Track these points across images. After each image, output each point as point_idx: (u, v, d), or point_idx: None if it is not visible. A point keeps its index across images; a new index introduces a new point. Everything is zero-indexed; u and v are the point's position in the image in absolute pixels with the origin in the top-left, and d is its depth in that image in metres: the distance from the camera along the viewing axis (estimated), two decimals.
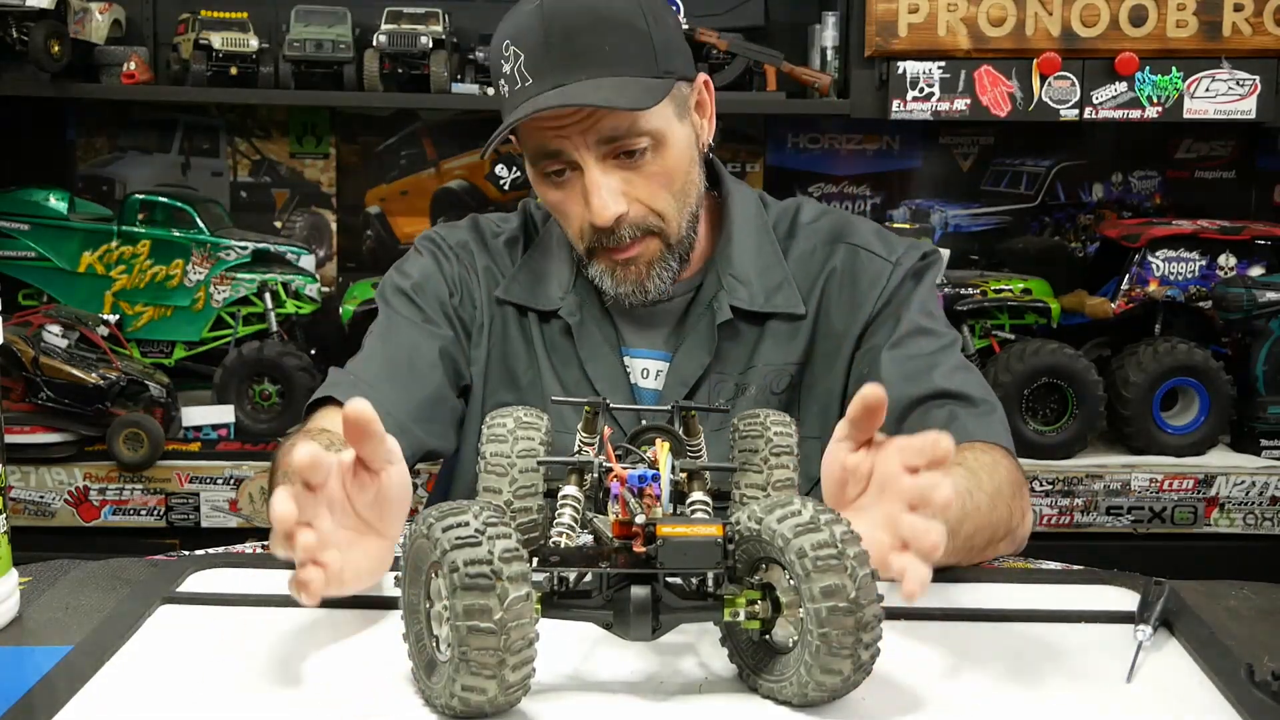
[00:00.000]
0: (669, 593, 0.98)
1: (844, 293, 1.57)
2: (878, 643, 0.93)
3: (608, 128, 1.41)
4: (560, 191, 1.47)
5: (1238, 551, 2.66)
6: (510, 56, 1.42)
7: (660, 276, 1.50)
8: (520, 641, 0.90)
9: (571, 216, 1.49)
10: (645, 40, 1.42)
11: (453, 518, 0.92)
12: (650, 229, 1.47)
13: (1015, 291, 2.79)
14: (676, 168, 1.47)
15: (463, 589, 0.89)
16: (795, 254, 1.59)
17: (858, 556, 0.91)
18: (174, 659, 1.06)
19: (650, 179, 1.45)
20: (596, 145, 1.42)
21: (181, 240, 2.80)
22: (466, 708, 0.92)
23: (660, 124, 1.44)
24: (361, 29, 2.86)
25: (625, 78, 1.40)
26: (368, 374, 1.52)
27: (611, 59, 1.40)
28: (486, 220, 1.68)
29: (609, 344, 1.57)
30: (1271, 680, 0.98)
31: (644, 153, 1.44)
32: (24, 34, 2.61)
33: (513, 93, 1.43)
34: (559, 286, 1.59)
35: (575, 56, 1.39)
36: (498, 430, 1.23)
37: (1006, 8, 2.68)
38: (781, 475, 1.23)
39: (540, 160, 1.46)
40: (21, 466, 2.55)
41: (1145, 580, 1.21)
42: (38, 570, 1.28)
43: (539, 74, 1.40)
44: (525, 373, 1.59)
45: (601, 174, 1.43)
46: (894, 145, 3.17)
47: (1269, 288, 2.67)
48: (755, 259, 1.57)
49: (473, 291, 1.61)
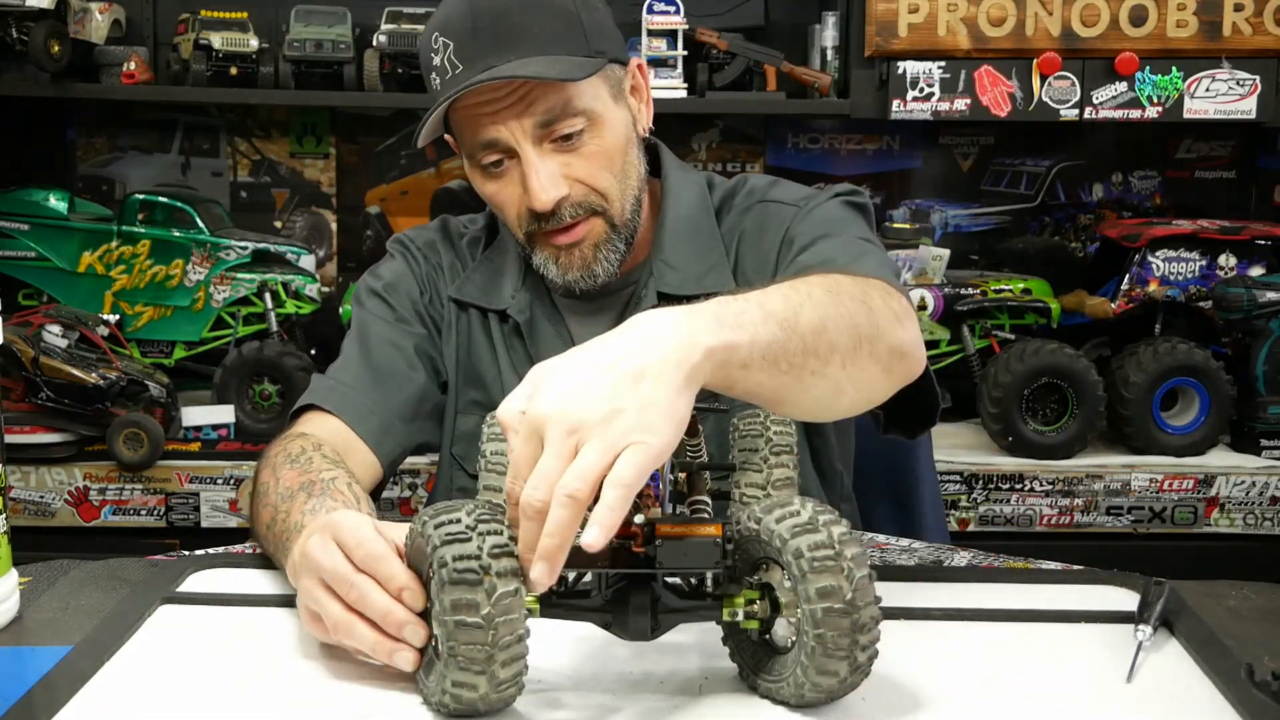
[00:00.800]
0: (668, 593, 0.98)
1: (752, 249, 1.54)
2: (875, 645, 0.92)
3: (542, 109, 1.39)
4: (497, 182, 1.45)
5: (1238, 551, 2.66)
6: (439, 48, 1.40)
7: (608, 259, 1.47)
8: (509, 637, 0.90)
9: (509, 204, 1.46)
10: (574, 20, 1.42)
11: (445, 515, 0.93)
12: (594, 208, 1.45)
13: (1015, 291, 2.79)
14: (614, 148, 1.45)
15: (450, 584, 0.90)
16: (725, 229, 1.57)
17: (855, 558, 0.91)
18: (174, 659, 1.06)
19: (589, 159, 1.43)
20: (533, 129, 1.40)
21: (181, 240, 2.80)
22: (459, 704, 0.92)
23: (595, 104, 1.42)
24: (361, 29, 2.86)
25: (555, 55, 1.38)
26: (349, 379, 1.52)
27: (540, 39, 1.39)
28: (455, 221, 1.67)
29: (561, 340, 1.55)
30: (1271, 680, 0.98)
31: (580, 134, 1.42)
32: (24, 34, 2.61)
33: (443, 83, 1.41)
34: (511, 285, 1.57)
35: (504, 38, 1.38)
36: (498, 429, 1.24)
37: (1006, 8, 2.68)
38: (781, 474, 1.23)
39: (477, 152, 1.44)
40: (21, 466, 2.55)
41: (1145, 580, 1.21)
42: (38, 570, 1.28)
43: (468, 59, 1.38)
44: (489, 372, 1.57)
45: (538, 157, 1.41)
46: (894, 145, 3.17)
47: (1269, 288, 2.67)
48: (691, 243, 1.54)
49: (440, 290, 1.61)
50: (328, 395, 1.50)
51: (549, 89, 1.39)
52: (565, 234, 1.45)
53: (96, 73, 2.86)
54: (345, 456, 1.41)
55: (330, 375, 1.54)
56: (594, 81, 1.42)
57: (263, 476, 1.34)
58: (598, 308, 1.56)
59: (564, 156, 1.42)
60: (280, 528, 1.23)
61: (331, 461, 1.34)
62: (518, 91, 1.39)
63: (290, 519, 1.21)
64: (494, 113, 1.40)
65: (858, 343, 1.08)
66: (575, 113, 1.41)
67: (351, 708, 0.98)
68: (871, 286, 1.17)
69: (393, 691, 0.99)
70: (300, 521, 1.19)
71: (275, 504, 1.27)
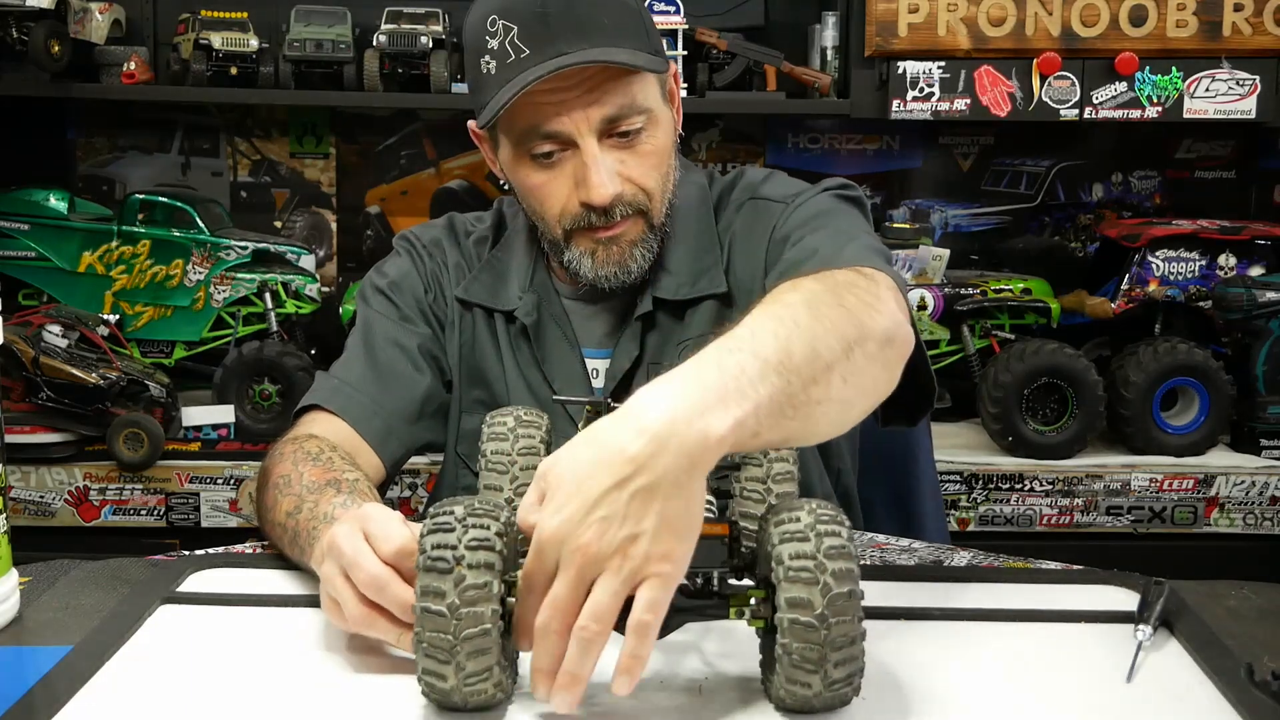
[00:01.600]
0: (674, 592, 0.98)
1: (742, 249, 1.53)
2: (855, 662, 0.91)
3: (612, 103, 1.38)
4: (547, 173, 1.43)
5: (1238, 551, 2.66)
6: (499, 31, 1.37)
7: (643, 256, 1.46)
8: (473, 629, 0.90)
9: (555, 198, 1.44)
10: (638, 18, 1.42)
11: (445, 507, 0.93)
12: (639, 207, 1.44)
13: (1015, 291, 2.79)
14: (664, 149, 1.45)
15: (423, 570, 0.90)
16: (721, 227, 1.56)
17: (838, 573, 0.90)
18: (174, 659, 1.06)
19: (644, 158, 1.43)
20: (599, 123, 1.38)
21: (181, 240, 2.80)
22: (434, 693, 0.93)
23: (653, 103, 1.42)
24: (361, 29, 2.86)
25: (628, 49, 1.37)
26: (353, 378, 1.52)
27: (610, 31, 1.37)
28: (462, 220, 1.66)
29: (568, 343, 1.55)
30: (1271, 680, 0.98)
31: (639, 133, 1.41)
32: (24, 34, 2.60)
33: (503, 65, 1.37)
34: (518, 286, 1.57)
35: (576, 26, 1.35)
36: (498, 429, 1.24)
37: (1006, 8, 2.68)
38: (781, 468, 1.23)
39: (531, 140, 1.41)
40: (21, 466, 2.55)
41: (1145, 580, 1.21)
42: (38, 570, 1.28)
43: (536, 44, 1.35)
44: (493, 371, 1.57)
45: (601, 151, 1.39)
46: (894, 145, 3.17)
47: (1269, 288, 2.67)
48: (689, 245, 1.53)
49: (444, 288, 1.60)
50: (332, 396, 1.50)
51: (618, 84, 1.38)
52: (608, 230, 1.43)
53: (96, 73, 2.86)
54: (352, 455, 1.42)
55: (334, 374, 1.54)
56: (651, 80, 1.42)
57: (282, 469, 1.34)
58: (600, 309, 1.55)
59: (620, 153, 1.41)
60: (307, 516, 1.22)
61: (350, 464, 1.34)
62: (587, 83, 1.37)
63: (319, 509, 1.21)
64: (560, 102, 1.37)
65: (849, 351, 1.04)
66: (639, 110, 1.40)
67: (351, 707, 0.98)
68: (841, 282, 1.14)
69: (393, 692, 0.99)
70: (330, 513, 1.19)
71: (301, 494, 1.26)
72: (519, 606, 0.93)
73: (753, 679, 1.00)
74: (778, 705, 0.95)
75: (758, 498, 1.23)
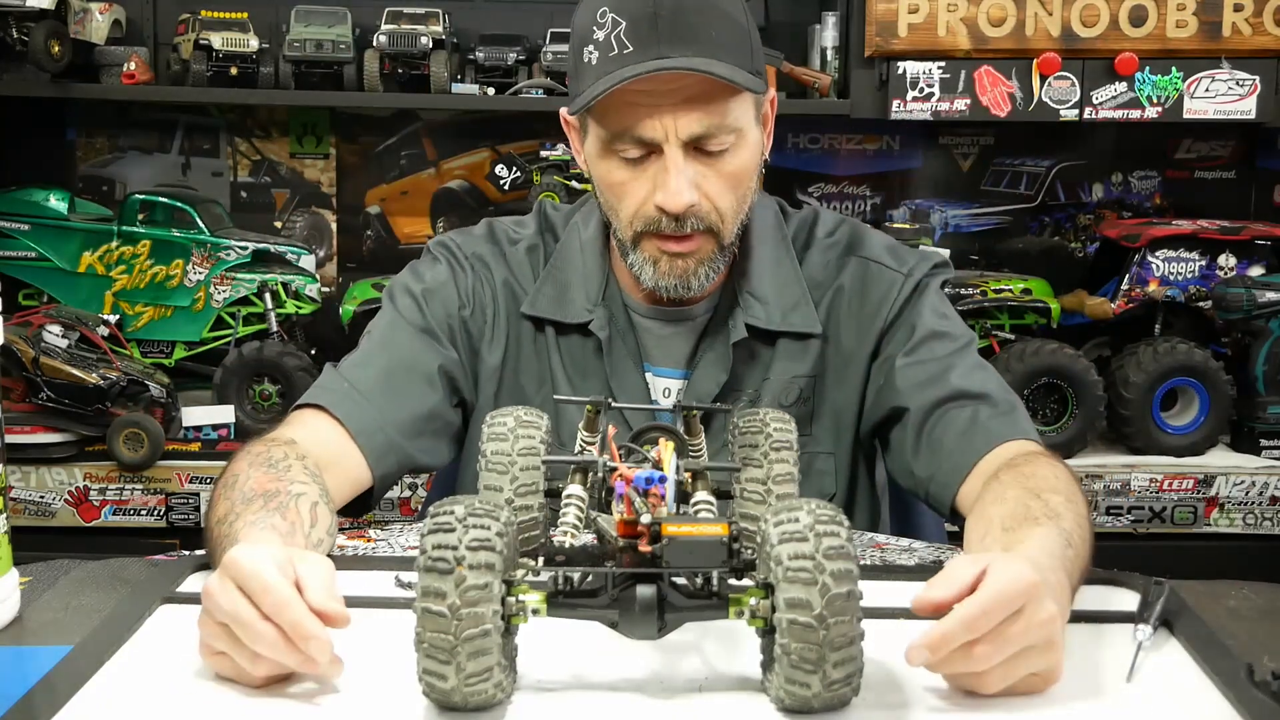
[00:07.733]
0: (674, 592, 0.98)
1: (854, 308, 1.56)
2: (854, 663, 0.92)
3: (704, 119, 1.38)
4: (629, 171, 1.43)
5: (1238, 551, 2.66)
6: (607, 23, 1.37)
7: (707, 275, 1.47)
8: (474, 630, 0.90)
9: (632, 197, 1.43)
10: (745, 36, 1.41)
11: (445, 506, 0.93)
12: (710, 226, 1.44)
13: (1015, 291, 2.79)
14: (745, 170, 1.45)
15: (424, 570, 0.91)
16: (810, 268, 1.58)
17: (837, 574, 0.90)
18: (174, 659, 1.06)
19: (723, 177, 1.42)
20: (688, 135, 1.38)
21: (181, 240, 2.80)
22: (434, 693, 0.93)
23: (743, 124, 1.42)
24: (361, 29, 2.86)
25: (730, 65, 1.37)
26: (363, 383, 1.48)
27: (717, 44, 1.37)
28: (502, 227, 1.63)
29: (633, 360, 1.54)
30: (1271, 680, 0.98)
31: (725, 151, 1.41)
32: (24, 34, 2.61)
33: (605, 59, 1.37)
34: (586, 298, 1.55)
35: (683, 32, 1.35)
36: (498, 429, 1.24)
37: (1006, 8, 2.68)
38: (781, 470, 1.23)
39: (620, 140, 1.41)
40: (21, 466, 2.55)
41: (1145, 580, 1.21)
42: (38, 570, 1.28)
43: (641, 43, 1.35)
44: (537, 388, 1.55)
45: (684, 159, 1.39)
46: (894, 145, 3.17)
47: (1269, 288, 2.67)
48: (774, 275, 1.55)
49: (485, 306, 1.57)
50: (340, 401, 1.46)
51: (713, 98, 1.38)
52: (678, 243, 1.44)
53: (96, 73, 2.86)
54: (335, 463, 1.39)
55: (344, 373, 1.50)
56: (747, 100, 1.42)
57: (238, 466, 1.30)
58: (675, 329, 1.55)
59: (701, 167, 1.41)
60: (227, 529, 1.20)
61: (310, 475, 1.29)
62: (683, 91, 1.37)
63: (235, 526, 1.18)
64: (653, 105, 1.37)
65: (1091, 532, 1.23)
66: (729, 129, 1.40)
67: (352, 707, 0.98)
68: (1066, 473, 1.32)
69: (393, 692, 0.99)
70: (237, 535, 1.16)
71: (234, 502, 1.23)
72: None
73: (753, 679, 1.00)
74: (777, 705, 0.95)
75: (758, 498, 1.23)
